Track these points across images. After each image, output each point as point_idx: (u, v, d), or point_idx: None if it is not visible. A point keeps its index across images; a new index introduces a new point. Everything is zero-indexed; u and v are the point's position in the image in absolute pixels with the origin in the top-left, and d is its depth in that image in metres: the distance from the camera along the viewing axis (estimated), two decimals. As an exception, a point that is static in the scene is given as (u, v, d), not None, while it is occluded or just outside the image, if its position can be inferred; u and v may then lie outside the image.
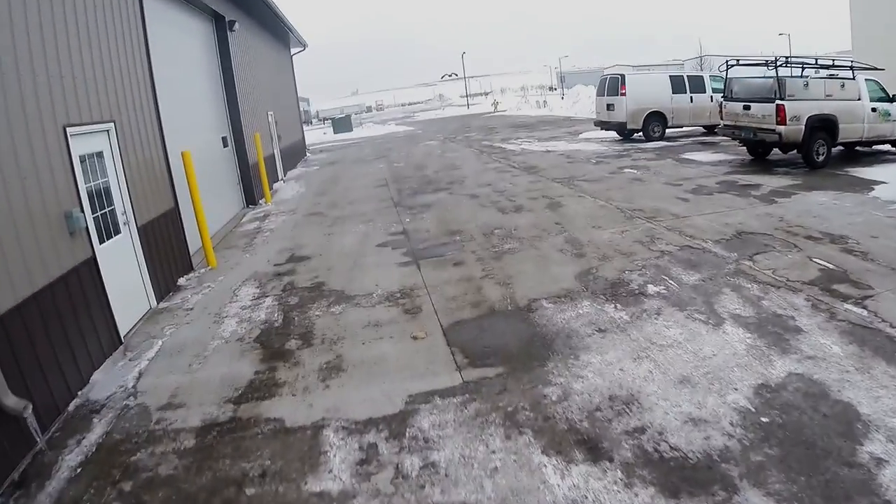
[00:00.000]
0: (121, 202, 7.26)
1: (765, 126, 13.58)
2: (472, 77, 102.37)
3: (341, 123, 47.68)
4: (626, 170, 14.55)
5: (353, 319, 6.51)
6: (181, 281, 8.91)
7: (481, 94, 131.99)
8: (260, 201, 15.34)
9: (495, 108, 67.15)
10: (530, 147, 21.72)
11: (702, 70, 48.73)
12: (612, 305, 6.26)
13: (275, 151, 19.51)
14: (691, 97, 20.84)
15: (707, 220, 9.17)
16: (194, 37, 13.14)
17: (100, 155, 6.88)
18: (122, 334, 6.53)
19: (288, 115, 24.87)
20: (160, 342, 6.58)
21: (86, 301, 5.86)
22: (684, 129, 21.66)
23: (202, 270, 9.31)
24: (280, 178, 19.69)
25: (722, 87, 21.02)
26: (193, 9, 13.03)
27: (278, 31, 23.56)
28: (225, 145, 14.27)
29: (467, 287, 7.14)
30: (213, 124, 13.63)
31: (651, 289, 6.61)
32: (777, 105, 13.22)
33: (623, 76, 20.50)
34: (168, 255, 8.61)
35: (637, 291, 6.54)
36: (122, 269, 7.05)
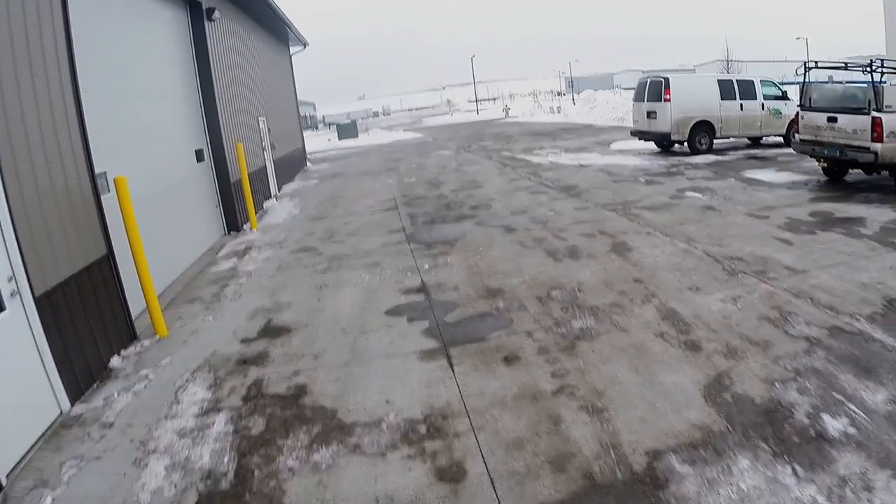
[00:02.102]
0: (5, 261, 4.58)
1: (855, 143, 10.96)
2: (480, 82, 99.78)
3: (346, 129, 45.10)
4: (687, 193, 11.81)
5: (350, 488, 3.79)
6: (115, 361, 6.27)
7: (489, 100, 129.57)
8: (244, 227, 12.65)
9: (506, 113, 64.67)
10: (559, 160, 18.96)
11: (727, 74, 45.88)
12: (789, 468, 3.62)
13: (266, 163, 16.80)
14: (741, 104, 18.19)
15: (835, 279, 6.62)
16: (159, 24, 10.53)
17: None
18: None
19: (285, 120, 22.18)
20: (50, 498, 3.90)
21: None
22: (730, 140, 18.95)
23: (147, 342, 6.63)
24: (273, 194, 16.97)
25: (775, 93, 18.53)
26: (156, -11, 10.37)
27: (274, 27, 20.89)
28: (200, 159, 11.60)
29: (535, 415, 4.39)
30: (185, 133, 10.98)
31: (831, 425, 4.01)
32: (873, 118, 10.54)
33: (667, 79, 17.78)
34: (95, 326, 6.00)
35: (812, 433, 3.97)
36: (5, 368, 4.43)
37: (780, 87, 19.22)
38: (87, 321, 5.93)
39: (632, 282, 6.94)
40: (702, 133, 17.93)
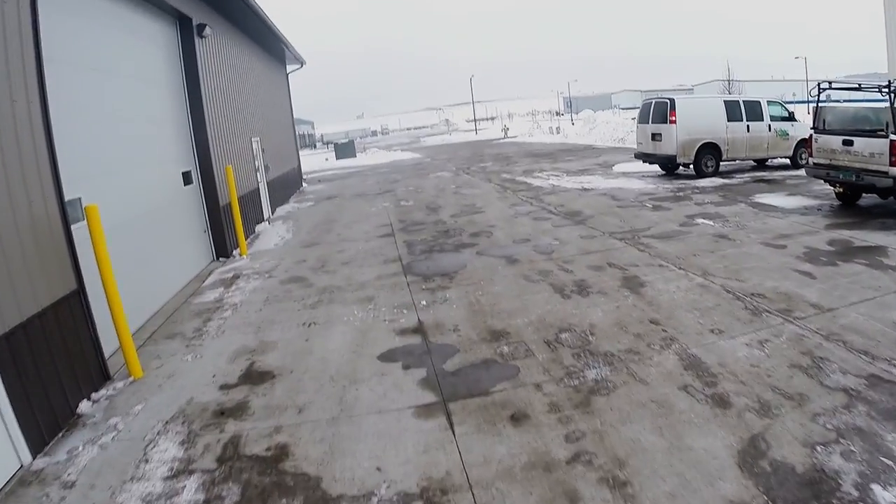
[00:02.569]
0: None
1: (872, 167, 10.50)
2: (479, 102, 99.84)
3: (344, 149, 44.72)
4: (698, 220, 11.28)
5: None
6: (84, 406, 5.71)
7: (487, 119, 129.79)
8: (234, 253, 12.08)
9: (505, 133, 64.47)
10: (561, 183, 18.47)
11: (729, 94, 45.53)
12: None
13: (259, 185, 16.28)
14: (748, 126, 17.73)
15: (865, 318, 6.09)
16: (146, 41, 10.05)
17: None
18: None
19: (281, 140, 21.71)
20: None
21: None
22: (735, 162, 18.49)
23: (120, 384, 6.06)
24: (266, 216, 16.43)
25: (781, 113, 18.10)
26: (146, 4, 9.88)
27: (270, 45, 20.48)
28: (188, 182, 11.08)
29: (548, 491, 3.83)
30: (171, 156, 10.48)
31: (883, 498, 3.47)
32: (891, 141, 10.10)
33: (672, 101, 17.35)
34: (63, 368, 5.46)
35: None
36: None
37: (787, 107, 18.80)
38: (53, 363, 5.37)
39: (648, 323, 6.37)
40: (708, 155, 17.50)
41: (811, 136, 12.21)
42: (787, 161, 18.49)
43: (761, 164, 19.05)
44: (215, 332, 7.45)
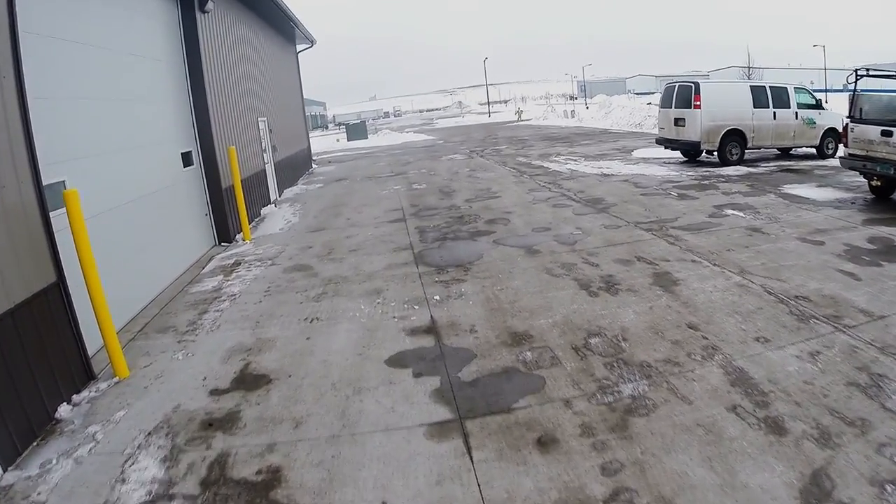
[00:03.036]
0: None
1: (915, 160, 9.71)
2: (492, 85, 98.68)
3: (356, 130, 44.01)
4: (727, 211, 10.59)
5: None
6: (63, 410, 5.22)
7: (500, 102, 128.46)
8: (237, 237, 11.52)
9: (519, 116, 63.53)
10: (579, 167, 17.74)
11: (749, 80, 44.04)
12: None
13: (266, 167, 15.67)
14: (774, 113, 16.87)
15: (924, 328, 5.31)
16: (143, 16, 9.48)
17: None
18: None
19: (290, 121, 21.07)
20: None
21: None
22: (759, 151, 17.67)
23: (104, 384, 5.52)
24: (273, 199, 15.84)
25: (808, 101, 17.27)
26: (140, -26, 9.26)
27: (279, 23, 19.77)
28: (188, 163, 10.50)
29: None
30: (170, 136, 9.91)
31: None
32: (937, 132, 9.32)
33: (697, 84, 16.54)
34: (39, 369, 4.97)
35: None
36: None
37: (814, 94, 17.95)
38: (30, 365, 4.84)
39: (686, 328, 5.74)
40: (732, 143, 16.71)
41: (846, 125, 11.49)
42: (813, 151, 17.67)
43: (785, 154, 18.27)
44: (210, 326, 6.89)
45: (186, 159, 10.62)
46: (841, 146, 13.78)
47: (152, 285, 8.32)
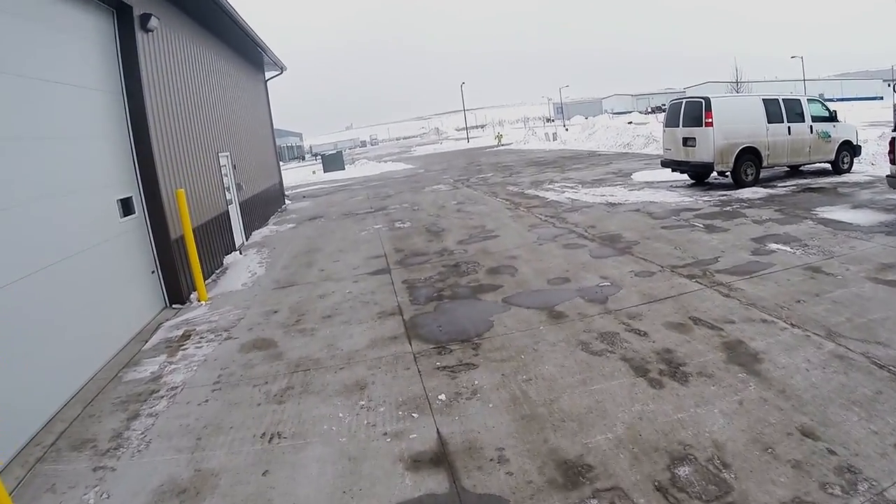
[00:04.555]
0: None
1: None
2: (468, 110, 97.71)
3: (332, 161, 42.26)
4: (770, 245, 8.94)
5: None
6: None
7: (478, 127, 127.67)
8: (191, 296, 9.55)
9: (499, 141, 62.31)
10: (579, 196, 16.02)
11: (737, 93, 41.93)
12: None
13: (229, 208, 13.72)
14: (789, 127, 15.35)
15: None
16: (68, 33, 7.57)
17: None
18: None
19: (258, 154, 19.19)
20: None
21: None
22: (772, 169, 16.08)
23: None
24: (238, 243, 13.90)
25: (822, 113, 15.79)
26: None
27: (244, 48, 18.00)
28: (128, 211, 8.63)
29: None
30: (103, 178, 8.07)
31: None
32: None
33: (708, 100, 14.99)
34: None
35: None
36: None
37: (827, 106, 16.46)
38: None
39: (800, 437, 3.95)
40: (748, 162, 15.10)
41: (892, 139, 9.94)
42: (828, 166, 16.18)
43: (795, 171, 16.78)
44: (139, 442, 4.99)
45: (126, 207, 8.77)
46: (888, 164, 12.18)
47: (77, 373, 6.47)
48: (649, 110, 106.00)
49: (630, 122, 44.45)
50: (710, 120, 14.77)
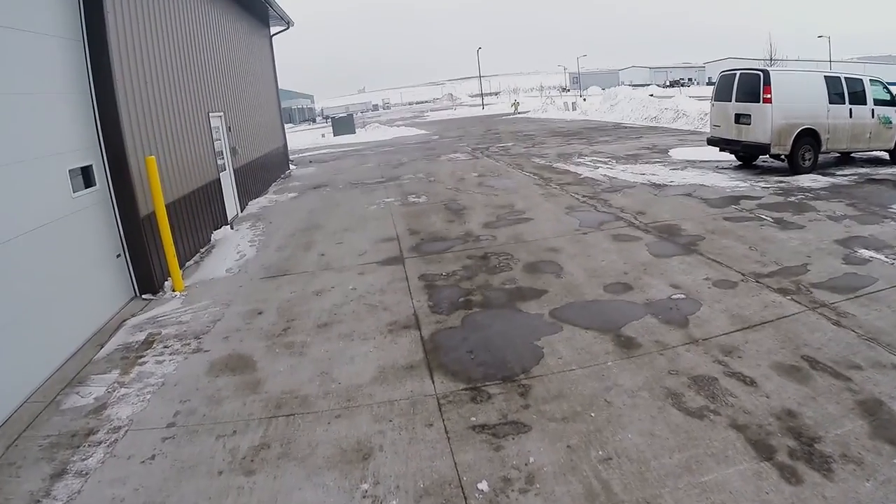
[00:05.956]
0: None
1: None
2: (483, 77, 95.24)
3: (342, 124, 40.36)
4: (860, 251, 7.44)
5: None
6: None
7: (492, 94, 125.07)
8: (164, 285, 7.95)
9: (515, 109, 60.07)
10: (616, 173, 14.24)
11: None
12: None
13: (222, 175, 12.05)
14: (850, 110, 13.41)
15: None
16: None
17: None
18: None
19: (260, 116, 17.42)
20: None
21: None
22: (828, 155, 14.21)
23: None
24: (231, 215, 12.26)
25: (883, 96, 13.87)
26: None
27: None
28: (88, 183, 7.09)
29: None
30: (55, 143, 6.44)
31: None
32: None
33: (767, 73, 13.13)
34: None
35: None
36: None
37: (890, 89, 14.49)
38: None
39: None
40: (806, 146, 13.23)
41: None
42: (884, 154, 14.34)
43: (846, 158, 14.87)
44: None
45: (85, 178, 7.13)
46: None
47: (8, 397, 4.91)
48: (668, 84, 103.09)
49: (652, 95, 42.22)
50: (768, 95, 12.91)
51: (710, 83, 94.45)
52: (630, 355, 4.91)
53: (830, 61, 72.64)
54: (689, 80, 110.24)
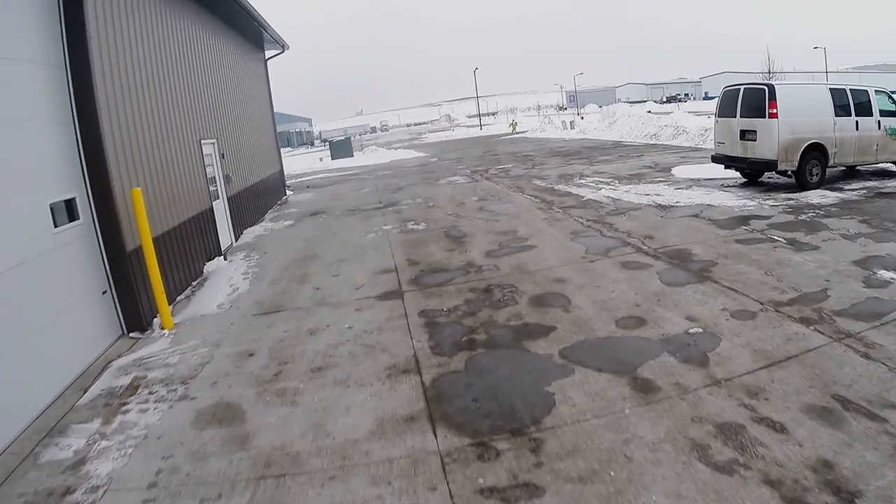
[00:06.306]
0: None
1: None
2: (480, 97, 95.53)
3: (340, 148, 40.21)
4: (884, 274, 7.11)
5: None
6: None
7: (489, 115, 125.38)
8: (153, 322, 7.59)
9: (513, 128, 60.12)
10: (619, 195, 13.93)
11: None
12: None
13: (216, 203, 11.74)
14: (857, 122, 13.14)
15: None
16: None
17: None
18: None
19: (255, 141, 17.15)
20: None
21: None
22: (835, 168, 13.92)
23: None
24: (225, 245, 11.92)
25: (889, 107, 13.59)
26: None
27: (238, 23, 15.90)
28: (71, 217, 6.76)
29: None
30: (33, 176, 6.12)
31: None
32: None
33: (772, 87, 12.88)
34: None
35: None
36: None
37: (895, 99, 14.24)
38: None
39: None
40: (814, 161, 12.94)
41: None
42: (890, 167, 14.05)
43: (851, 171, 14.57)
44: None
45: (68, 211, 6.78)
46: None
47: None
48: (665, 100, 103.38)
49: (649, 112, 42.11)
50: (774, 110, 12.66)
51: (706, 98, 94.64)
52: (649, 401, 4.52)
53: (826, 72, 72.67)
54: (686, 95, 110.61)
